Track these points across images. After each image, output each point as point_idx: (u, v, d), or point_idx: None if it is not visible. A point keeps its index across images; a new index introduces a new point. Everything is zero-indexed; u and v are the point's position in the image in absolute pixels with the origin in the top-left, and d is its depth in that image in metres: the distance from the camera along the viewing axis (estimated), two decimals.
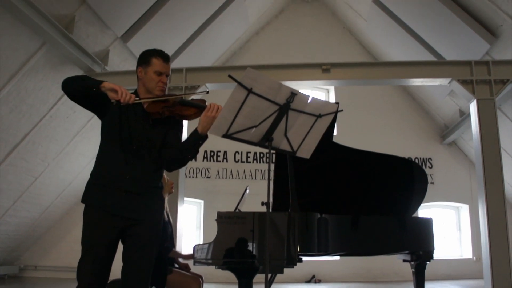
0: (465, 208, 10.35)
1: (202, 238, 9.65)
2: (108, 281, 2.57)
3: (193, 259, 3.41)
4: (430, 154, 10.37)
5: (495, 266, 5.57)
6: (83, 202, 2.60)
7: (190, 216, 9.93)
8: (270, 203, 2.74)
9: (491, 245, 5.65)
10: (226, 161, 10.19)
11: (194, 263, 3.42)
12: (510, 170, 8.51)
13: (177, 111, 2.61)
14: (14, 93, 6.04)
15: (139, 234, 2.55)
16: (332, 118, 2.81)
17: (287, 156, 3.57)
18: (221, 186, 9.96)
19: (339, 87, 10.24)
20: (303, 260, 3.41)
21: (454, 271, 9.72)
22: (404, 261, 4.36)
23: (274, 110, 2.57)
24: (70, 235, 9.43)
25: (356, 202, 4.30)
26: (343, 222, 3.72)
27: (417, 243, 4.14)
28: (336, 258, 8.97)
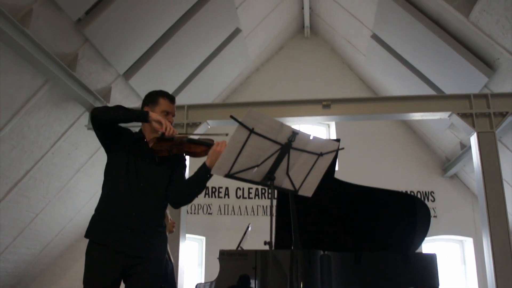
0: (469, 241, 10.22)
1: (204, 276, 9.50)
2: None
3: None
4: (432, 188, 10.31)
5: None
6: (87, 237, 2.59)
7: (191, 253, 9.81)
8: (272, 241, 2.73)
9: (497, 278, 5.54)
10: (228, 197, 10.13)
11: None
12: None
13: (186, 149, 2.70)
14: (16, 130, 6.08)
15: (142, 273, 2.54)
16: (333, 156, 2.83)
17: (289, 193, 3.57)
18: (223, 223, 9.88)
19: (340, 122, 10.30)
20: None
21: None
22: None
23: (276, 149, 2.58)
24: (71, 272, 9.31)
25: (358, 238, 4.27)
26: (346, 259, 3.69)
27: (421, 280, 4.09)
28: None
